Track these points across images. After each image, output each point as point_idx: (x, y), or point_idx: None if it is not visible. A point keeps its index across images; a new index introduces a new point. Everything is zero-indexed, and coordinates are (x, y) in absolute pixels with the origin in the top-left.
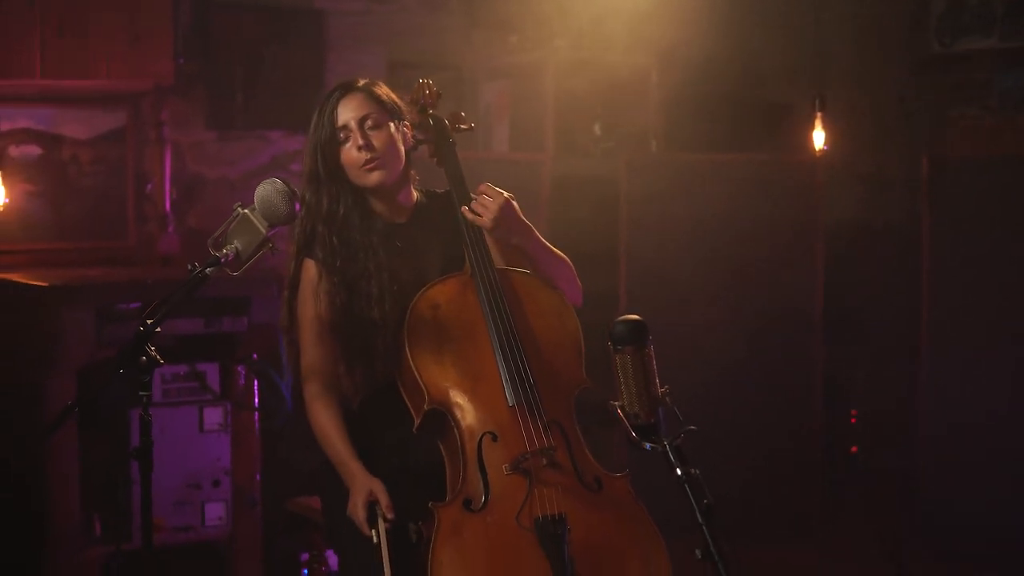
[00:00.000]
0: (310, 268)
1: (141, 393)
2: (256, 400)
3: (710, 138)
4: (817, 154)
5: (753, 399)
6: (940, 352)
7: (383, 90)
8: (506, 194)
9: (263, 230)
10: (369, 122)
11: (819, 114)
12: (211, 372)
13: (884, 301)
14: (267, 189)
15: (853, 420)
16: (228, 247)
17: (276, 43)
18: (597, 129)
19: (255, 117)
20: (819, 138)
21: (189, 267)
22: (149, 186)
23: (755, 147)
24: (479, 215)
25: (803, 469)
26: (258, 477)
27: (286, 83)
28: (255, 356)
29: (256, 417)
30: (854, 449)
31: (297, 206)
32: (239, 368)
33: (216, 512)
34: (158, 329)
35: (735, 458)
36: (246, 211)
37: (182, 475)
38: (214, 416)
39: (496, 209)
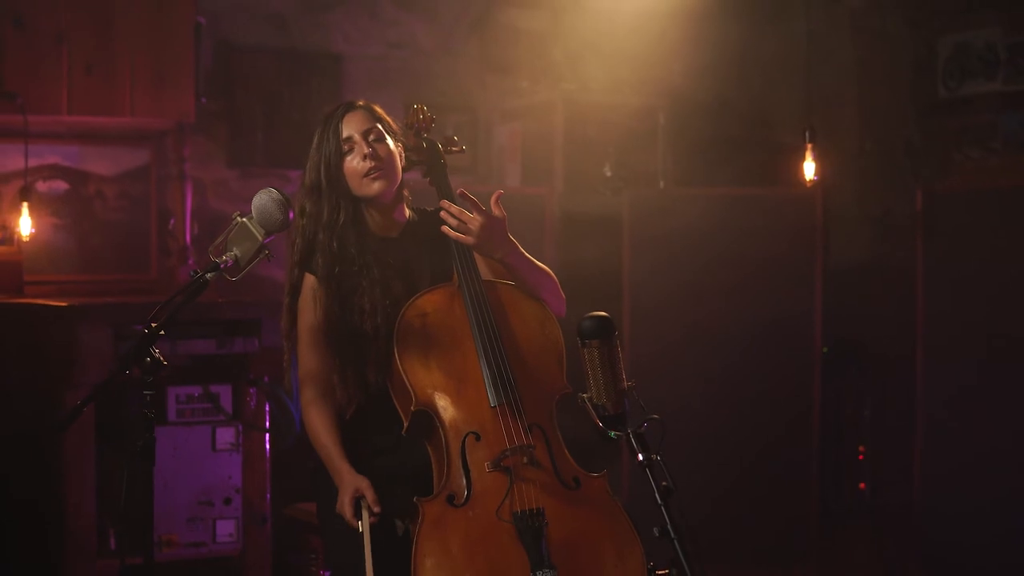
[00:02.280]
0: (310, 278)
1: (145, 392)
2: (267, 421)
3: (718, 179)
4: (808, 184)
5: (752, 427)
6: (936, 386)
7: (380, 111)
8: (496, 212)
9: (260, 237)
10: (372, 135)
11: (809, 145)
12: (224, 393)
13: (891, 339)
14: (263, 198)
15: (861, 457)
16: (228, 254)
17: (296, 85)
18: (607, 171)
19: (275, 156)
20: (810, 169)
21: (191, 273)
22: (172, 221)
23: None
24: (463, 234)
25: (801, 498)
26: (268, 495)
27: (305, 124)
28: (266, 379)
29: (267, 438)
30: (862, 486)
31: (291, 214)
32: (251, 390)
33: (227, 529)
34: (162, 332)
35: (732, 483)
36: (244, 219)
37: (194, 493)
38: (226, 436)
39: (478, 227)
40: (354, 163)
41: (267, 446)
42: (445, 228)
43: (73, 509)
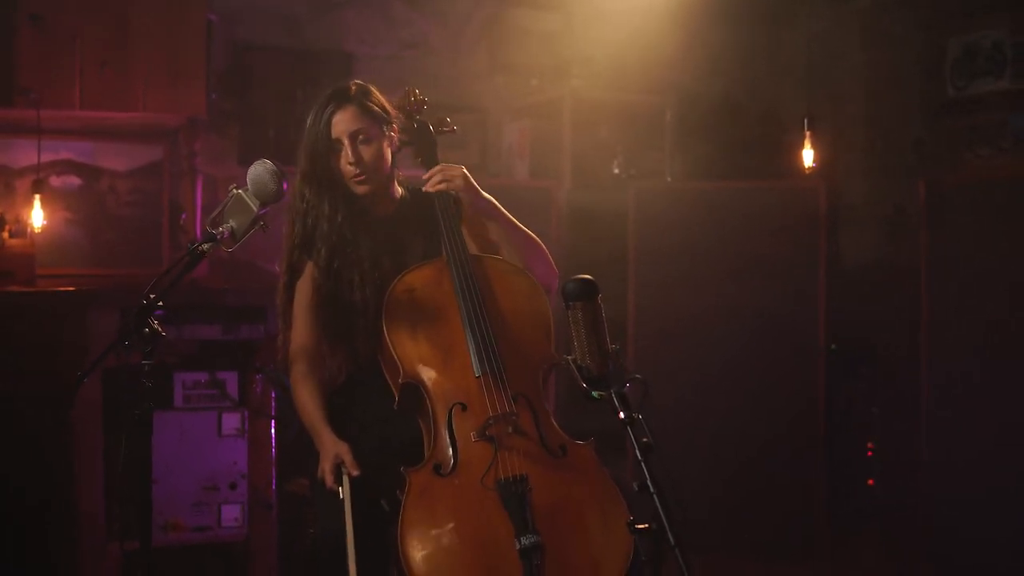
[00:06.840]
0: (310, 265)
1: (144, 362)
2: (273, 408)
3: (725, 177)
4: (807, 172)
5: (759, 421)
6: (941, 382)
7: (374, 99)
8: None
9: (255, 208)
10: (361, 136)
11: (808, 133)
12: (230, 380)
13: (900, 336)
14: (257, 169)
15: (870, 453)
16: (224, 226)
17: (307, 84)
18: (615, 168)
19: (286, 154)
20: (808, 156)
21: (189, 244)
22: (183, 216)
23: None
24: (447, 180)
25: (807, 494)
26: (274, 482)
27: None
28: (272, 365)
29: (272, 424)
30: (871, 482)
31: (285, 185)
32: (257, 376)
33: (232, 514)
34: (160, 303)
35: (737, 479)
36: (239, 191)
37: (200, 478)
38: (232, 421)
39: (460, 174)
40: (343, 166)
41: (273, 433)
42: (430, 184)
43: (83, 495)
